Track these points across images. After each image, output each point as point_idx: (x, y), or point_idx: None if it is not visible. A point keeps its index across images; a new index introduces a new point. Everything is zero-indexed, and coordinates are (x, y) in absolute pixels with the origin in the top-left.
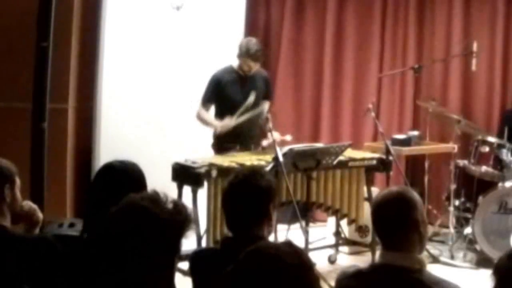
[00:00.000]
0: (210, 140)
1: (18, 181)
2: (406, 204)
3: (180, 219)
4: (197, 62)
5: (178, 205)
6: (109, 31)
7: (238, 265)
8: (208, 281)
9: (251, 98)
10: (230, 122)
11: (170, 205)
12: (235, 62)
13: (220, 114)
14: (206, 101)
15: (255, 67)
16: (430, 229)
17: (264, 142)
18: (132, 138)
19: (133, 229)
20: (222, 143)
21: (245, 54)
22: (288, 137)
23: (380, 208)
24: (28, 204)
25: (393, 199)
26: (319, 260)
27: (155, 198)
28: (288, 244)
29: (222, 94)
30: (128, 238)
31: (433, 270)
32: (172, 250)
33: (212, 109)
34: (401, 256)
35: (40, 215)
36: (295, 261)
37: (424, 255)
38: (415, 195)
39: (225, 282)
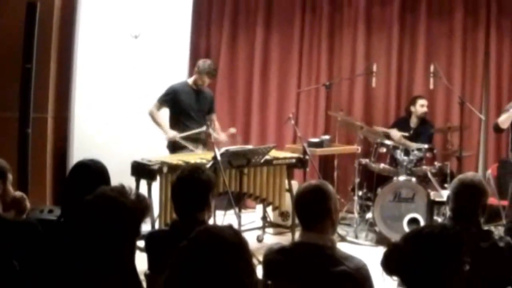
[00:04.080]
0: (164, 142)
1: (10, 176)
2: (323, 195)
3: (141, 207)
4: (151, 80)
5: (140, 196)
6: (81, 55)
7: (190, 242)
8: (160, 256)
9: (203, 128)
10: (176, 135)
11: (133, 196)
12: (189, 79)
13: (174, 118)
14: (161, 102)
15: (208, 82)
16: (340, 214)
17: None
18: (99, 141)
19: (104, 214)
20: (174, 145)
21: (202, 71)
22: (232, 130)
23: (302, 197)
24: (20, 193)
25: (312, 190)
26: (249, 239)
27: (122, 190)
28: (230, 226)
29: (177, 101)
30: (99, 222)
31: (341, 247)
32: (134, 232)
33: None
34: (317, 236)
35: (28, 204)
36: (235, 240)
37: (334, 235)
38: (331, 188)
39: (178, 255)
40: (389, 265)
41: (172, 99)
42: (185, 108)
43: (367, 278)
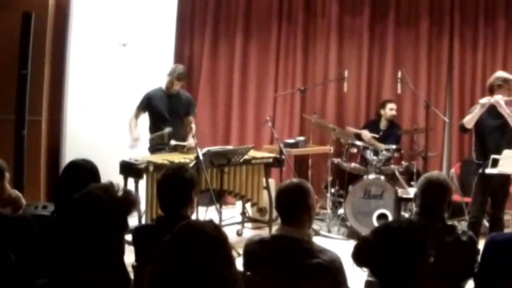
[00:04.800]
0: (147, 145)
1: (7, 175)
2: (304, 192)
3: (128, 203)
4: (139, 84)
5: (127, 193)
6: (73, 62)
7: (174, 235)
8: (147, 248)
9: (166, 130)
10: (138, 137)
11: (120, 193)
12: (163, 84)
13: (151, 122)
14: (138, 110)
15: (178, 86)
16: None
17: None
18: (90, 142)
19: (93, 210)
20: (151, 147)
21: (171, 74)
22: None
23: (284, 194)
24: (15, 192)
25: (294, 188)
26: (230, 233)
27: (110, 187)
28: (211, 221)
29: (152, 107)
30: (89, 217)
31: (315, 241)
32: (122, 226)
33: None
34: (296, 230)
35: (23, 201)
36: (216, 234)
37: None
38: (310, 186)
39: (163, 248)
40: (359, 257)
41: (147, 105)
42: (159, 112)
43: (340, 270)
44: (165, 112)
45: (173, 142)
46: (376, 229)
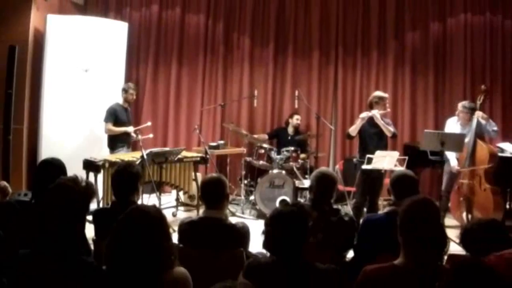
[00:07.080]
0: (105, 145)
1: None
2: (222, 184)
3: (89, 191)
4: (97, 100)
5: (88, 183)
6: (48, 83)
7: (125, 216)
8: (104, 226)
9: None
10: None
11: (83, 183)
12: (120, 100)
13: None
14: (110, 121)
15: (133, 95)
16: (231, 197)
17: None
18: (60, 145)
19: (63, 197)
20: (114, 146)
21: (127, 88)
22: (148, 124)
23: (207, 185)
24: (3, 182)
25: (215, 180)
26: (167, 215)
27: (75, 180)
28: (154, 205)
29: (117, 117)
30: (60, 202)
31: (232, 220)
32: (84, 209)
33: None
34: (216, 212)
35: (9, 190)
36: (157, 215)
37: (227, 212)
38: (225, 179)
39: (116, 225)
40: (268, 247)
41: (116, 117)
42: (122, 121)
43: (248, 231)
44: (125, 121)
45: (133, 134)
46: (266, 220)
